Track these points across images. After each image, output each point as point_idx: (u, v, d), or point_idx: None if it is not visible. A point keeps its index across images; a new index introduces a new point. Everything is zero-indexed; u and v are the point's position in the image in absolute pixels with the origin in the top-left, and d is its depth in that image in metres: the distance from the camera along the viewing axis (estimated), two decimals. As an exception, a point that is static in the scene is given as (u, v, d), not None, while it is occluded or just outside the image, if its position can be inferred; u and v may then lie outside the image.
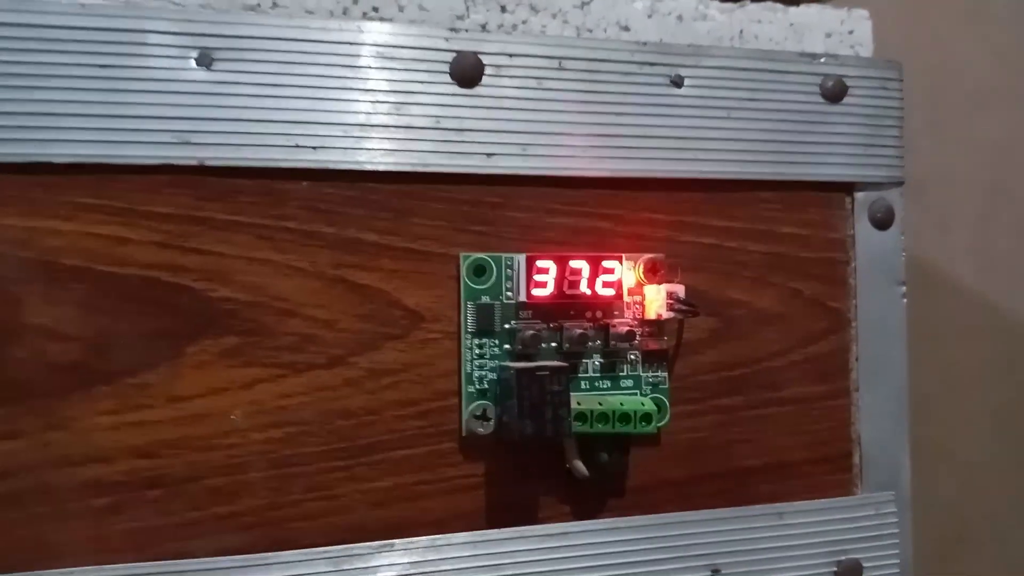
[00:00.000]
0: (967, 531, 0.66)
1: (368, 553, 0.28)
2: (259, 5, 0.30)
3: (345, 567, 0.28)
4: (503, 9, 0.33)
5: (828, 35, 0.37)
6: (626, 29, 0.34)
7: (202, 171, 0.27)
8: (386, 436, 0.29)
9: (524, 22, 0.33)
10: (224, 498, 0.27)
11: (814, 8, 0.37)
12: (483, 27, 0.32)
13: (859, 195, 0.34)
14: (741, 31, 0.35)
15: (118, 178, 0.27)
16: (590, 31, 0.34)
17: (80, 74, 0.26)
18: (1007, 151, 0.65)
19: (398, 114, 0.29)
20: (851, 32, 0.37)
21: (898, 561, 0.33)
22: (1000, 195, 0.65)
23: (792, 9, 0.36)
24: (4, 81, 0.26)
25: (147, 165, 0.27)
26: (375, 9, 0.31)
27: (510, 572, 0.29)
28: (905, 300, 0.34)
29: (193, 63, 0.27)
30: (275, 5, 0.30)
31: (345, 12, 0.31)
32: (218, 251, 0.28)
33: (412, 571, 0.28)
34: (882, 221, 0.34)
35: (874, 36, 0.37)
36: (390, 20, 0.31)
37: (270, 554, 0.27)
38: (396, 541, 0.28)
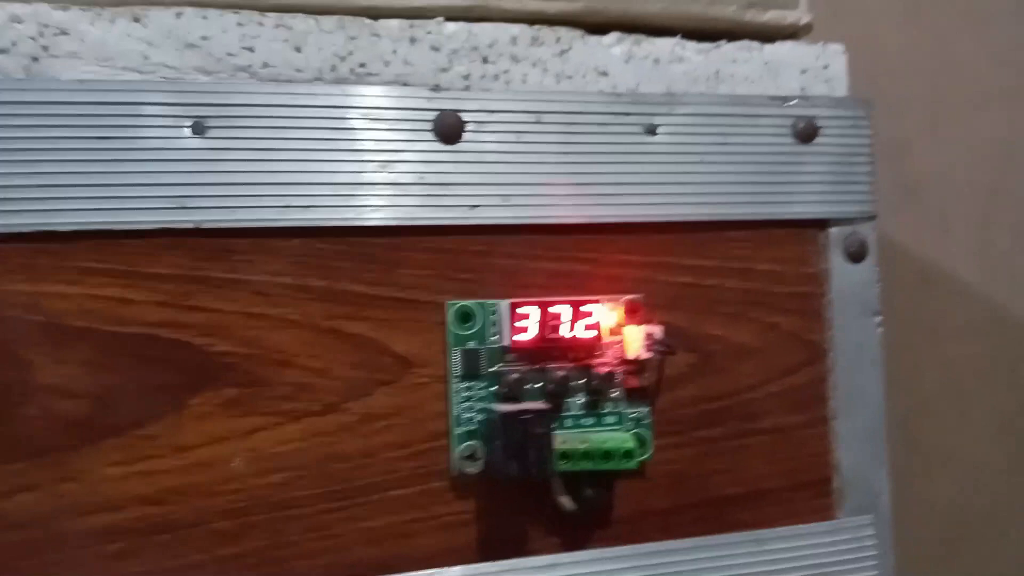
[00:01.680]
0: (968, 531, 0.66)
1: (365, 589, 0.30)
2: (250, 66, 0.32)
3: (344, 602, 0.30)
4: (485, 60, 0.34)
5: (803, 71, 0.38)
6: (604, 74, 0.35)
7: (199, 233, 0.29)
8: (380, 477, 0.30)
9: (506, 71, 0.34)
10: (228, 540, 0.29)
11: (788, 45, 0.38)
12: (465, 78, 0.34)
13: (833, 230, 0.35)
14: (717, 71, 0.37)
15: (119, 242, 0.28)
16: (569, 78, 0.35)
17: (81, 146, 0.28)
18: (1007, 151, 0.66)
19: (385, 171, 0.30)
20: (825, 67, 0.38)
21: (877, 582, 0.34)
22: (1000, 195, 0.66)
23: (767, 47, 0.37)
24: (8, 156, 0.27)
25: (147, 229, 0.28)
26: (362, 65, 0.33)
27: (501, 603, 0.31)
28: (880, 330, 0.35)
29: (188, 131, 0.29)
30: (265, 65, 0.32)
31: (333, 69, 0.32)
32: (216, 308, 0.29)
33: (408, 604, 0.30)
34: (856, 254, 0.35)
35: (849, 70, 0.38)
36: (377, 76, 0.33)
37: (273, 593, 0.29)
38: (391, 577, 0.30)
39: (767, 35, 0.38)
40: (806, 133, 0.34)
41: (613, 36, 0.35)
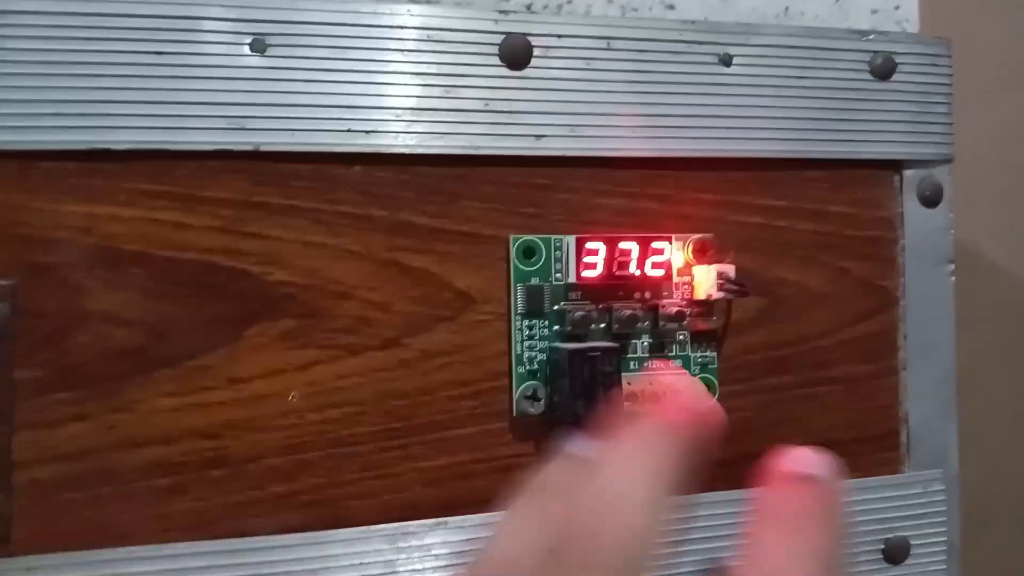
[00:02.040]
0: (998, 512, 0.65)
1: (423, 531, 0.29)
2: (307, -11, 0.30)
3: (400, 544, 0.28)
4: (548, -11, 0.33)
5: (874, 11, 0.36)
6: (671, 8, 0.34)
7: (257, 156, 0.28)
8: (439, 416, 0.29)
9: (569, 2, 0.33)
10: (283, 477, 0.28)
11: (860, -17, 0.36)
12: (529, 8, 0.32)
13: (907, 173, 0.33)
14: (787, 8, 0.35)
15: (176, 164, 0.27)
16: (635, 10, 0.34)
17: (137, 61, 0.27)
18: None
19: (448, 97, 0.29)
20: (897, 8, 0.37)
21: (945, 539, 0.33)
22: (1029, 175, 0.64)
23: (838, -16, 0.36)
24: (64, 70, 0.26)
25: (204, 151, 0.27)
26: (422, -9, 0.31)
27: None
28: (953, 279, 0.34)
29: (247, 49, 0.27)
30: (323, -11, 0.31)
31: (392, -5, 0.31)
32: (275, 235, 0.28)
33: (465, 548, 0.29)
34: (931, 199, 0.33)
35: (920, 11, 0.37)
36: (439, 3, 0.31)
37: (328, 532, 0.28)
38: (450, 519, 0.29)
39: (839, -28, 0.36)
40: (884, 69, 0.32)
41: (680, -32, 0.34)
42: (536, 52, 0.30)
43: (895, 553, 0.32)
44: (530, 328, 0.30)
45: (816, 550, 0.23)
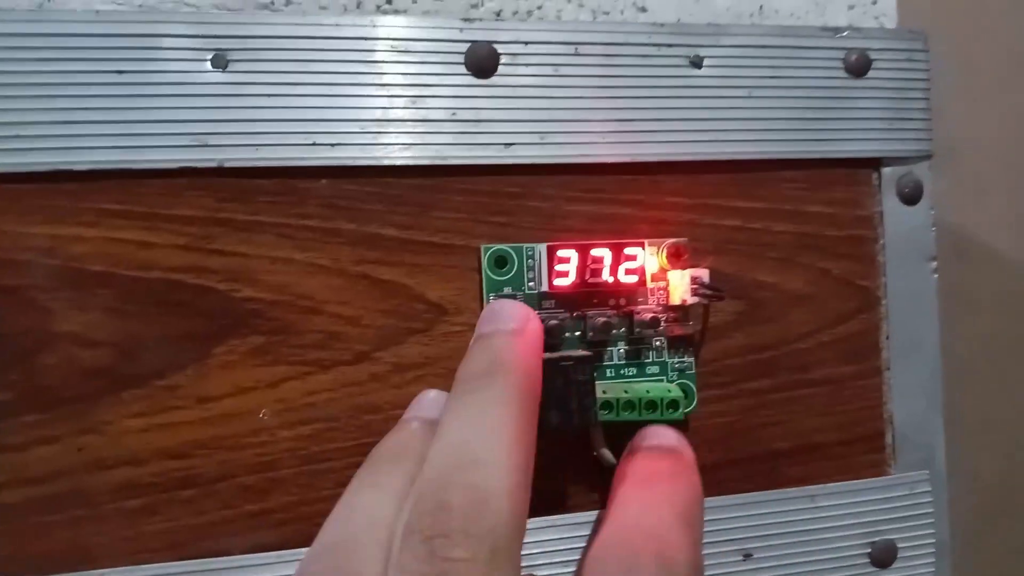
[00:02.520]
0: (1007, 505, 0.65)
1: (400, 546, 0.28)
2: (273, 3, 0.30)
3: (377, 560, 0.28)
4: (517, -5, 0.32)
5: (851, 7, 0.36)
6: (643, 10, 0.34)
7: (221, 172, 0.28)
8: (413, 430, 0.29)
9: (539, 7, 0.33)
10: (256, 496, 0.28)
11: (836, -21, 0.36)
12: (498, 14, 0.32)
13: (886, 170, 0.33)
14: (761, 6, 0.35)
15: (139, 183, 0.27)
16: (606, 13, 0.33)
17: (97, 80, 0.27)
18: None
19: (415, 108, 0.29)
20: (874, 2, 0.36)
21: (933, 540, 0.33)
22: (1037, 162, 0.64)
23: (813, -19, 0.36)
24: (22, 91, 0.26)
25: (167, 169, 0.27)
26: (388, 1, 0.31)
27: (540, 561, 0.29)
28: (936, 276, 0.33)
29: (208, 65, 0.27)
30: (289, 2, 0.30)
31: (359, 6, 0.31)
32: (241, 251, 0.28)
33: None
34: (910, 196, 0.33)
35: (899, 5, 0.36)
36: (404, 12, 0.31)
37: (303, 550, 0.28)
38: (427, 533, 0.29)
39: (814, -32, 0.36)
40: (859, 66, 0.32)
41: (652, -31, 0.33)
42: (503, 60, 0.29)
43: (882, 557, 0.32)
44: (504, 338, 0.29)
45: (669, 500, 0.24)
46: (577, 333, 0.30)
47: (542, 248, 0.29)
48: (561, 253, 0.29)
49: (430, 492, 0.20)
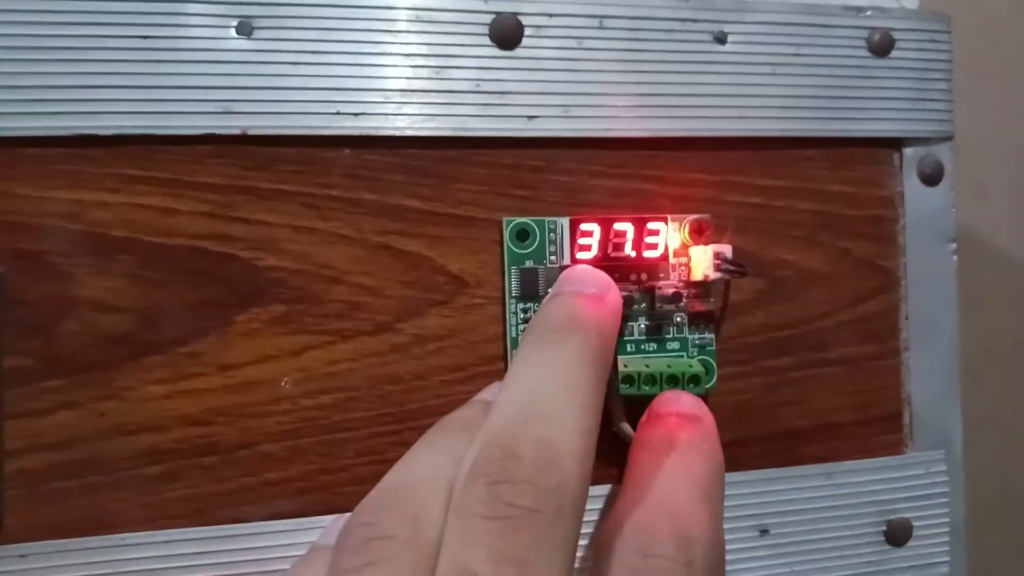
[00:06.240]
0: (1011, 499, 0.65)
1: (418, 517, 0.28)
2: (295, -28, 0.30)
3: (396, 531, 0.28)
4: (540, -31, 0.32)
5: (873, -13, 0.36)
6: (666, -14, 0.33)
7: (245, 140, 0.27)
8: (433, 401, 0.29)
9: (562, -18, 0.33)
10: (277, 464, 0.28)
11: (858, -41, 0.36)
12: (521, -12, 0.32)
13: (907, 151, 0.33)
14: (783, -15, 0.35)
15: (163, 149, 0.27)
16: (629, -11, 0.33)
17: (122, 46, 0.26)
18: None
19: (438, 78, 0.29)
20: (897, -17, 0.36)
21: (948, 520, 0.33)
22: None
23: (835, -39, 0.35)
24: (48, 55, 0.26)
25: (191, 135, 0.27)
26: (412, -27, 0.31)
27: (559, 535, 0.29)
28: (956, 257, 0.33)
29: (233, 32, 0.27)
30: (311, -29, 0.30)
31: (382, -24, 0.31)
32: (264, 220, 0.28)
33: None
34: (931, 177, 0.33)
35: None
36: (427, -17, 0.31)
37: (323, 518, 0.28)
38: (446, 505, 0.29)
39: (836, -52, 0.36)
40: (882, 46, 0.32)
41: (675, -54, 0.33)
42: (527, 32, 0.29)
43: (897, 534, 0.32)
44: (525, 311, 0.29)
45: (688, 472, 0.23)
46: (598, 307, 0.30)
47: (565, 222, 0.29)
48: (584, 227, 0.29)
49: (499, 439, 0.19)
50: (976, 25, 0.62)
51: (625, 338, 0.30)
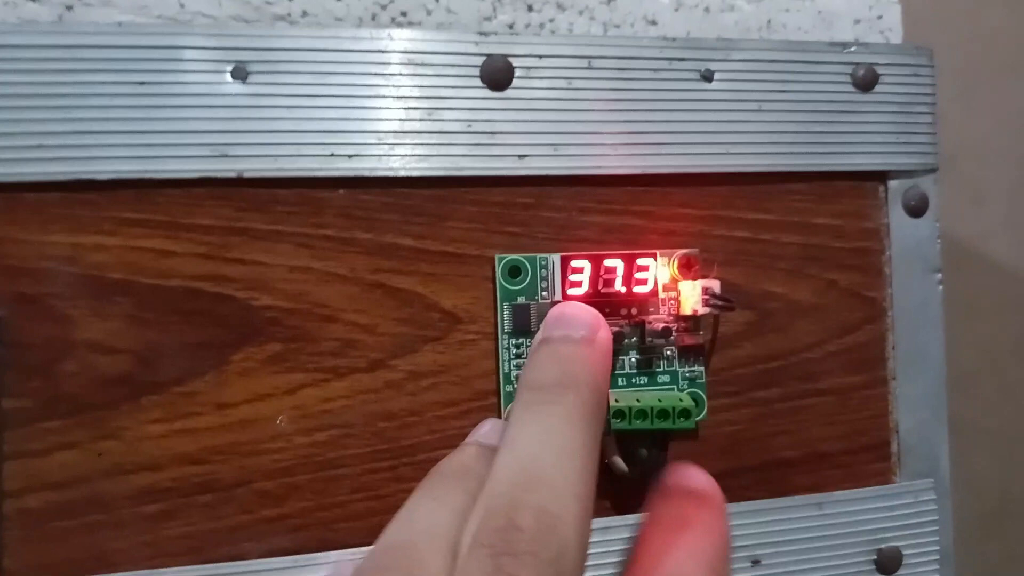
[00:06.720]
0: (1008, 508, 0.65)
1: (413, 552, 0.29)
2: (289, 15, 0.31)
3: (391, 566, 0.28)
4: (530, 8, 0.33)
5: (857, 21, 0.36)
6: (653, 23, 0.34)
7: (241, 183, 0.28)
8: (428, 436, 0.29)
9: (551, 20, 0.33)
10: (273, 501, 0.28)
11: (842, -6, 0.36)
12: (510, 27, 0.33)
13: (892, 183, 0.33)
14: (768, 21, 0.35)
15: (159, 192, 0.28)
16: (617, 27, 0.34)
17: (119, 91, 0.27)
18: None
19: (430, 120, 0.29)
20: (880, 17, 0.37)
21: (938, 548, 0.33)
22: (1035, 167, 0.64)
23: (820, -4, 0.36)
24: (46, 102, 0.26)
25: (187, 179, 0.27)
26: (403, 14, 0.32)
27: (553, 568, 0.29)
28: (941, 287, 0.34)
29: (228, 76, 0.28)
30: (305, 14, 0.31)
31: (374, 18, 0.31)
32: (260, 260, 0.28)
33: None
34: (916, 209, 0.33)
35: (904, 19, 0.37)
36: (419, 25, 0.32)
37: (319, 554, 0.28)
38: (440, 539, 0.29)
39: (821, -17, 0.36)
40: (866, 81, 0.32)
41: (662, -17, 0.34)
42: (517, 73, 0.30)
43: (887, 563, 0.32)
44: (517, 347, 0.30)
45: (702, 552, 0.23)
46: (589, 342, 0.30)
47: (556, 258, 0.30)
48: (575, 263, 0.30)
49: (500, 508, 0.20)
50: (968, 33, 0.63)
51: (616, 372, 0.31)
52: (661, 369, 0.31)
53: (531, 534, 0.19)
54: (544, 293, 0.30)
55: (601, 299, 0.30)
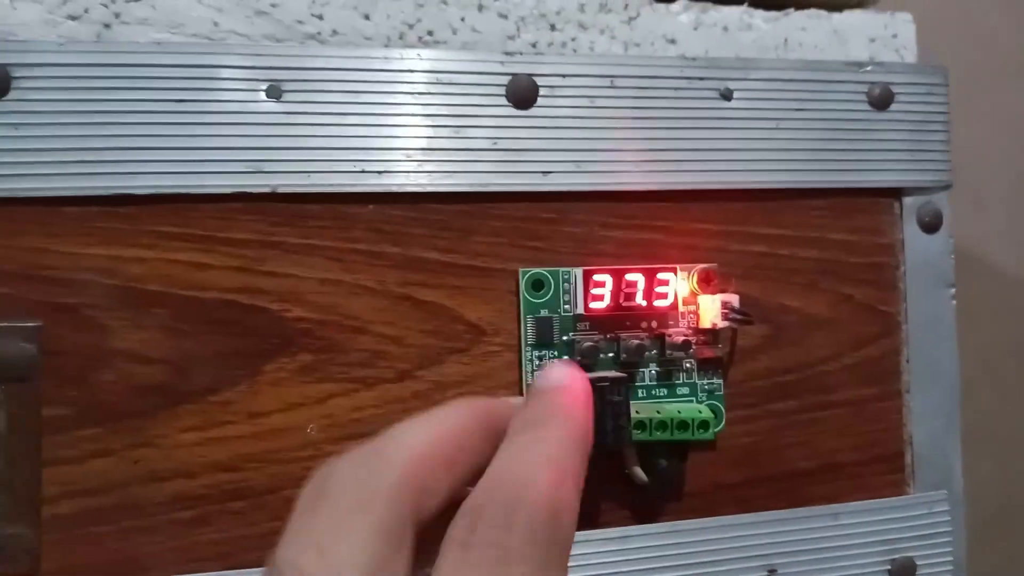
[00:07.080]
0: (1011, 513, 0.65)
1: (438, 559, 0.29)
2: (319, 33, 0.31)
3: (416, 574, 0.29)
4: (552, 28, 0.34)
5: (872, 40, 0.37)
6: (672, 42, 0.35)
7: (274, 198, 0.29)
8: (453, 446, 0.30)
9: (573, 39, 0.34)
10: (302, 508, 0.29)
11: (857, 13, 0.37)
12: (534, 46, 0.33)
13: (907, 200, 0.34)
14: (786, 40, 0.36)
15: (196, 207, 0.28)
16: (637, 45, 0.34)
17: (158, 109, 0.28)
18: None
19: (457, 137, 0.30)
20: (895, 36, 0.37)
21: (951, 559, 0.34)
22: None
23: (835, 15, 0.37)
24: (88, 119, 0.27)
25: (223, 194, 0.28)
26: (430, 33, 0.32)
27: (573, 575, 0.30)
28: (954, 302, 0.34)
29: (263, 95, 0.28)
30: (335, 32, 0.32)
31: (402, 37, 0.32)
32: (292, 273, 0.29)
33: None
34: (930, 225, 0.34)
35: (918, 38, 0.38)
36: (445, 44, 0.32)
37: (347, 561, 0.29)
38: (465, 547, 0.30)
39: (835, 4, 0.37)
40: (881, 99, 0.33)
41: (680, 3, 0.35)
42: (542, 92, 0.31)
43: (901, 573, 0.33)
44: (540, 359, 0.31)
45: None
46: (610, 355, 0.31)
47: (578, 272, 0.31)
48: (597, 277, 0.30)
49: (492, 504, 0.20)
50: (968, 37, 0.63)
51: (636, 384, 0.31)
52: (680, 381, 0.32)
53: (519, 531, 0.20)
54: (567, 306, 0.31)
55: (622, 312, 0.31)
